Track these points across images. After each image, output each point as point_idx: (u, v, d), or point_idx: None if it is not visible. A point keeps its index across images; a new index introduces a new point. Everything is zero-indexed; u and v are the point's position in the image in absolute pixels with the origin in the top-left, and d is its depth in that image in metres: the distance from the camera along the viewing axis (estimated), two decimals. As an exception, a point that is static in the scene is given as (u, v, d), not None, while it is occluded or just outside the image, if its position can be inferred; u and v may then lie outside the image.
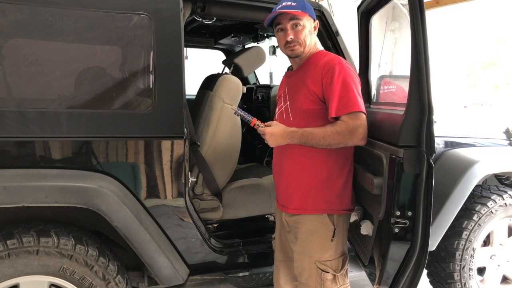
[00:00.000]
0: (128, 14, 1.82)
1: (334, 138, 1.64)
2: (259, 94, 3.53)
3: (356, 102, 1.65)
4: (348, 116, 1.64)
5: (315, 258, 1.78)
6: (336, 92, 1.65)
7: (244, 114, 1.82)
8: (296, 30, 1.75)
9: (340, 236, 1.81)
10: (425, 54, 1.58)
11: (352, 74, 1.71)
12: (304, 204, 1.79)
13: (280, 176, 1.86)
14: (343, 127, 1.64)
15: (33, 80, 1.75)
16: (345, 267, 1.83)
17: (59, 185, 1.72)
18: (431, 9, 4.92)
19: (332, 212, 1.78)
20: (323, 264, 1.77)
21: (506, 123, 2.70)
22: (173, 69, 1.90)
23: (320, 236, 1.77)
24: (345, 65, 1.71)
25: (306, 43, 1.77)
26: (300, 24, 1.75)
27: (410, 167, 1.63)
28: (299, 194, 1.79)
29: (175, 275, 2.00)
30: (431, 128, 1.60)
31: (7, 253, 1.70)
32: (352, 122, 1.64)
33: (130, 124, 1.85)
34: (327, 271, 1.77)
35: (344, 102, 1.65)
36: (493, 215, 2.40)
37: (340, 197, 1.79)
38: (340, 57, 1.76)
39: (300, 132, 1.69)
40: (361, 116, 1.66)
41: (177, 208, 1.99)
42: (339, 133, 1.63)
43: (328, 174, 1.77)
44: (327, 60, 1.74)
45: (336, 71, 1.67)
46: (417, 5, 1.58)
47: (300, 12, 1.72)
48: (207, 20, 2.71)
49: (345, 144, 1.67)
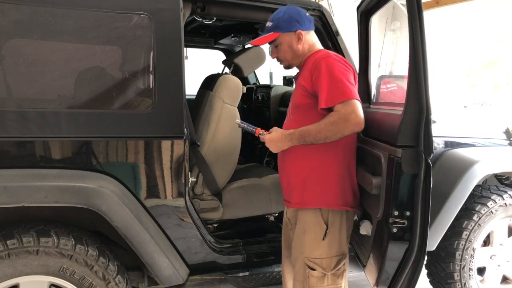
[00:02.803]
0: (128, 14, 1.82)
1: (329, 129, 1.64)
2: (259, 94, 3.53)
3: (345, 91, 1.65)
4: (340, 105, 1.64)
5: (305, 254, 1.83)
6: (324, 84, 1.68)
7: (247, 125, 1.88)
8: (278, 49, 1.88)
9: (336, 236, 1.81)
10: (423, 54, 1.58)
11: (339, 65, 1.72)
12: (302, 198, 1.82)
13: (282, 172, 1.92)
14: (335, 117, 1.64)
15: (33, 80, 1.75)
16: (340, 267, 1.83)
17: (59, 185, 1.72)
18: (431, 9, 4.92)
19: (329, 207, 1.80)
20: (311, 261, 1.81)
21: (506, 123, 2.69)
22: (173, 69, 1.90)
23: (312, 233, 1.81)
24: (331, 58, 1.74)
25: (289, 58, 1.88)
26: (278, 44, 1.86)
27: (408, 167, 1.64)
28: (298, 188, 1.83)
29: (175, 275, 2.00)
30: (429, 128, 1.60)
31: (7, 253, 1.70)
32: (344, 109, 1.63)
33: (130, 124, 1.85)
34: (314, 268, 1.80)
35: (334, 93, 1.66)
36: (493, 215, 2.40)
37: (338, 191, 1.80)
38: (329, 52, 1.80)
39: (297, 133, 1.71)
40: (352, 102, 1.64)
41: (177, 208, 1.99)
42: (332, 123, 1.64)
43: (324, 167, 1.79)
44: (316, 57, 1.78)
45: (323, 65, 1.71)
46: (415, 5, 1.58)
47: (270, 35, 1.84)
48: (207, 20, 2.71)
49: (342, 133, 1.66)
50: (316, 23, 2.36)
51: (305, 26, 1.85)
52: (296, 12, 1.85)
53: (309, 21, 1.89)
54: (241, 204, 2.49)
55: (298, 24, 1.83)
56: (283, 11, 1.85)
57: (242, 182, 2.55)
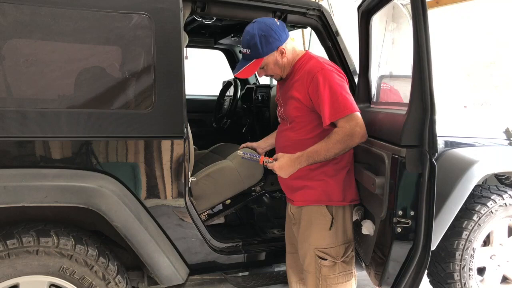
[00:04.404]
0: (128, 14, 1.82)
1: (338, 147, 1.70)
2: (259, 94, 3.52)
3: (346, 105, 1.69)
4: (343, 120, 1.69)
5: (314, 245, 1.87)
6: (326, 100, 1.70)
7: (251, 156, 1.91)
8: (265, 69, 1.87)
9: (340, 225, 1.87)
10: (427, 53, 1.58)
11: (336, 77, 1.75)
12: (304, 197, 1.87)
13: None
14: (341, 134, 1.69)
15: (33, 80, 1.75)
16: (348, 254, 1.89)
17: (59, 185, 1.72)
18: (431, 9, 4.92)
19: (332, 204, 1.85)
20: (321, 252, 1.86)
21: (506, 123, 2.69)
22: (173, 69, 1.90)
23: (319, 225, 1.86)
24: (327, 70, 1.74)
25: (278, 72, 1.87)
26: (264, 65, 1.84)
27: (412, 166, 1.64)
28: (299, 188, 1.88)
29: (175, 275, 2.00)
30: (434, 127, 1.61)
31: (7, 253, 1.70)
32: (348, 125, 1.68)
33: (130, 124, 1.85)
34: (325, 258, 1.85)
35: (335, 107, 1.69)
36: (493, 215, 2.40)
37: (340, 189, 1.85)
38: (321, 62, 1.79)
39: (305, 155, 1.74)
40: (355, 116, 1.70)
41: (177, 208, 1.99)
42: (340, 141, 1.69)
43: (324, 166, 1.82)
44: (309, 68, 1.78)
45: (320, 79, 1.71)
46: (420, 5, 1.58)
47: (255, 64, 1.80)
48: (207, 20, 2.71)
49: (350, 147, 1.73)
50: (316, 23, 2.37)
51: (283, 38, 1.80)
52: (269, 29, 1.76)
53: (283, 29, 1.82)
54: (212, 191, 2.46)
55: (277, 41, 1.78)
56: (256, 34, 1.75)
57: (208, 169, 2.51)
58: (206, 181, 2.44)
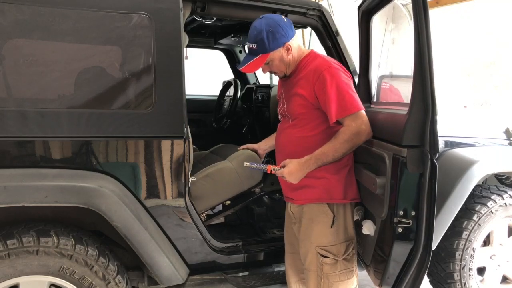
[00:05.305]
0: (128, 14, 1.82)
1: (345, 147, 1.71)
2: (259, 94, 3.52)
3: (353, 103, 1.72)
4: (349, 118, 1.71)
5: (315, 243, 1.87)
6: (333, 98, 1.71)
7: (258, 165, 1.90)
8: (269, 65, 1.86)
9: (341, 223, 1.88)
10: (428, 53, 1.58)
11: (343, 75, 1.76)
12: (305, 196, 1.88)
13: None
14: (348, 133, 1.70)
15: (33, 80, 1.75)
16: (350, 252, 1.90)
17: (59, 185, 1.72)
18: (431, 9, 4.92)
19: (333, 201, 1.86)
20: (323, 250, 1.86)
21: (506, 123, 2.69)
22: (173, 69, 1.90)
23: (320, 223, 1.86)
24: (334, 69, 1.75)
25: (283, 69, 1.87)
26: (269, 61, 1.83)
27: (413, 166, 1.64)
28: (300, 188, 1.87)
29: (175, 275, 2.00)
30: (435, 127, 1.61)
31: (7, 253, 1.70)
32: (354, 123, 1.70)
33: (130, 124, 1.85)
34: (326, 256, 1.86)
35: (342, 105, 1.71)
36: (493, 215, 2.40)
37: (341, 187, 1.86)
38: (327, 60, 1.80)
39: (313, 158, 1.74)
40: (361, 114, 1.73)
41: (177, 208, 1.99)
42: (347, 140, 1.71)
43: (328, 165, 1.81)
44: (316, 66, 1.78)
45: (328, 77, 1.72)
46: (421, 5, 1.57)
47: (260, 59, 1.79)
48: (207, 20, 2.71)
49: (356, 146, 1.75)
50: (316, 23, 2.37)
51: (290, 35, 1.80)
52: (276, 25, 1.77)
53: (290, 26, 1.83)
54: (211, 192, 2.42)
55: (284, 38, 1.78)
56: (263, 30, 1.76)
57: (207, 170, 2.48)
58: (204, 182, 2.43)
